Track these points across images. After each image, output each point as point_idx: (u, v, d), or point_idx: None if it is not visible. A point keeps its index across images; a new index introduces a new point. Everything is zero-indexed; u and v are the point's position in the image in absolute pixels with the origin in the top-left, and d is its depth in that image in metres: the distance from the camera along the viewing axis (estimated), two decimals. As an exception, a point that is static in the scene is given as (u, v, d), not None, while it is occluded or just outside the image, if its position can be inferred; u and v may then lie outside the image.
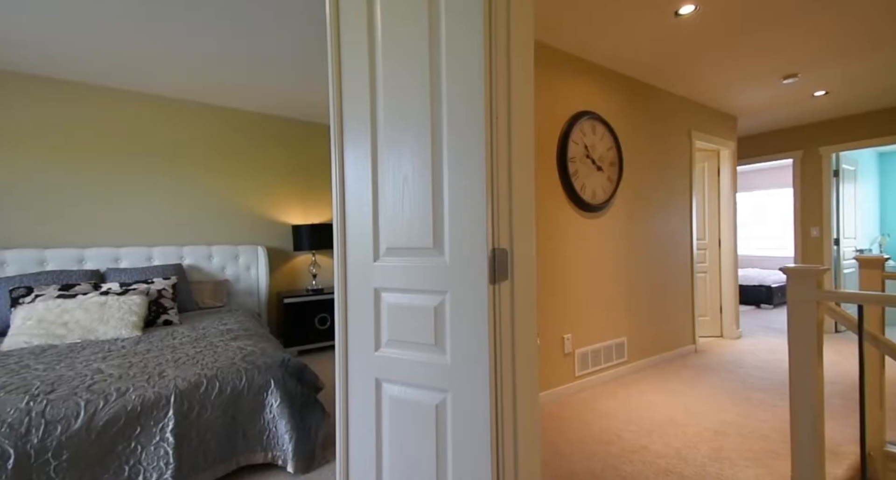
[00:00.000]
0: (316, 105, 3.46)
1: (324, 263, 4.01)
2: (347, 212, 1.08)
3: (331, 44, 1.07)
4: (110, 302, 2.25)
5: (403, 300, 1.01)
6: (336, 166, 1.09)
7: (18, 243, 2.66)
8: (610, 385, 2.68)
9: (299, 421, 1.80)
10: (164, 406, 1.53)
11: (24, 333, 1.98)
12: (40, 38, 2.25)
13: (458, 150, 0.90)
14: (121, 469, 1.44)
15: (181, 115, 3.26)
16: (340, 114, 1.08)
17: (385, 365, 1.03)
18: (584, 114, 2.52)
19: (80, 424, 1.38)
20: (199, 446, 1.58)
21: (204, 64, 2.61)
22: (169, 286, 2.67)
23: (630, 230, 2.95)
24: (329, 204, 4.05)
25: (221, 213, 3.45)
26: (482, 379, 0.88)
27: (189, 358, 1.80)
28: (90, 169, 2.89)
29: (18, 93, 2.67)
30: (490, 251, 0.88)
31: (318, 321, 3.60)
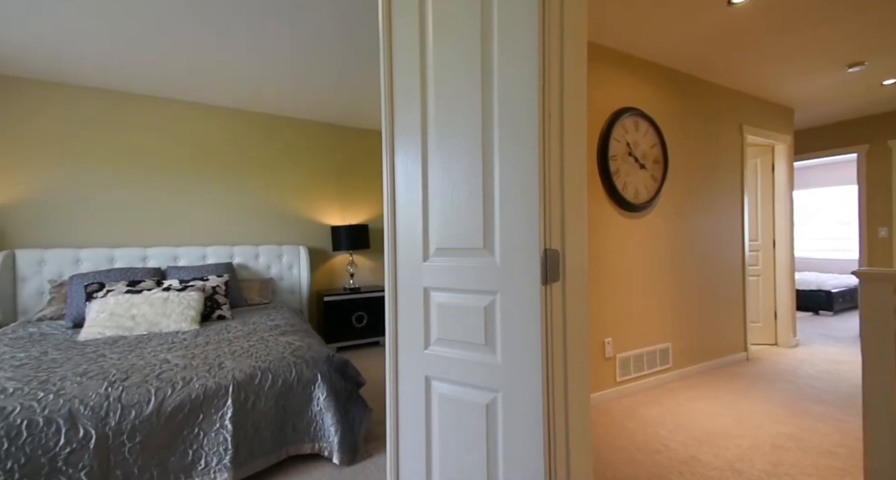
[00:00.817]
0: (353, 110, 3.56)
1: (360, 263, 4.12)
2: (397, 213, 1.12)
3: (383, 47, 1.11)
4: (171, 298, 2.43)
5: (453, 299, 1.02)
6: (387, 168, 1.13)
7: (92, 243, 2.92)
8: (653, 392, 2.59)
9: (343, 415, 1.86)
10: (223, 396, 1.63)
11: (98, 325, 2.18)
12: (122, 57, 2.46)
13: (511, 150, 0.91)
14: (185, 453, 1.55)
15: (231, 124, 3.46)
16: (391, 117, 1.11)
17: (434, 363, 1.06)
18: (627, 111, 2.45)
19: (151, 409, 1.50)
20: (253, 434, 1.68)
21: (255, 76, 2.76)
22: (222, 283, 2.84)
23: (675, 230, 2.83)
24: (365, 205, 4.16)
25: (267, 215, 3.63)
26: (534, 380, 0.88)
27: (244, 352, 1.91)
28: (152, 176, 3.13)
29: (91, 109, 2.94)
30: (542, 252, 0.88)
31: (354, 319, 3.70)
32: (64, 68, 2.62)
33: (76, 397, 1.44)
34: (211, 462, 1.58)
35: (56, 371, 1.61)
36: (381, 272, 4.25)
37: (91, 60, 2.53)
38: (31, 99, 2.77)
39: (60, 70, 2.65)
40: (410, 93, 1.08)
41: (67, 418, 1.38)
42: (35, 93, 2.77)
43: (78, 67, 2.62)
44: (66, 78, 2.77)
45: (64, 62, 2.54)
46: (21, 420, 1.33)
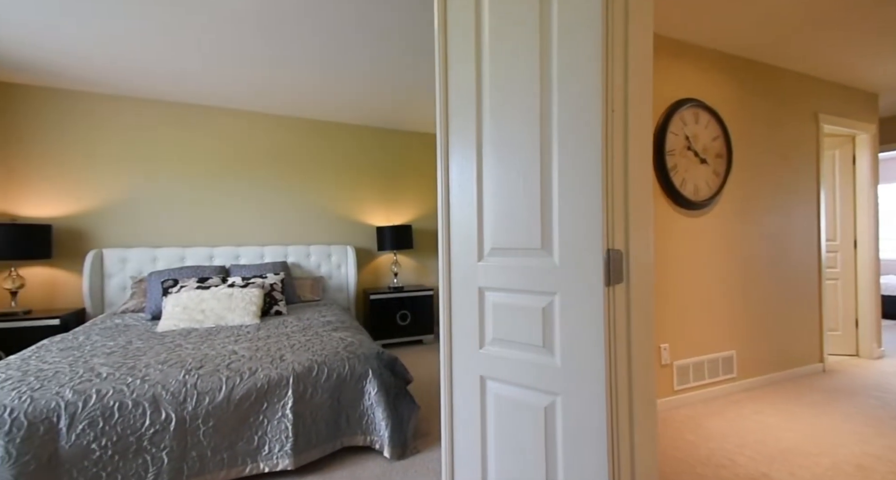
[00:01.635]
0: (398, 113, 3.64)
1: (404, 263, 4.21)
2: (452, 214, 1.13)
3: (438, 44, 1.12)
4: (235, 294, 2.61)
5: (508, 300, 1.02)
6: (441, 168, 1.14)
7: (166, 243, 3.21)
8: (716, 402, 2.42)
9: (393, 410, 1.91)
10: (284, 386, 1.73)
11: (173, 317, 2.39)
12: (190, 72, 2.70)
13: (571, 147, 0.89)
14: (251, 439, 1.67)
15: (286, 131, 3.66)
16: (446, 117, 1.13)
17: (489, 363, 1.06)
18: (686, 103, 2.31)
19: (222, 396, 1.62)
20: (311, 424, 1.76)
21: (310, 87, 2.90)
22: (278, 281, 3.01)
23: (740, 229, 2.63)
24: (409, 206, 4.24)
25: (317, 216, 3.80)
26: (596, 386, 0.86)
27: (301, 345, 2.02)
28: (215, 181, 3.39)
29: (159, 120, 3.23)
30: (604, 252, 0.86)
31: (399, 317, 3.78)
32: (136, 83, 2.90)
33: (159, 383, 1.58)
34: (274, 449, 1.68)
35: (141, 358, 1.79)
36: (423, 271, 4.32)
37: (160, 76, 2.78)
38: (108, 112, 3.08)
39: (133, 85, 2.94)
40: (465, 89, 1.09)
41: (152, 402, 1.53)
42: (111, 107, 3.09)
43: (149, 82, 2.88)
44: (137, 92, 3.07)
45: (136, 78, 2.81)
46: (113, 403, 1.49)
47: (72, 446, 1.40)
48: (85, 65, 2.59)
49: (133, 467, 1.47)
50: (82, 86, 2.91)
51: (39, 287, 2.85)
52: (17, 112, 2.83)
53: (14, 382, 1.50)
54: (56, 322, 2.55)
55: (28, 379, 1.52)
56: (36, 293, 2.84)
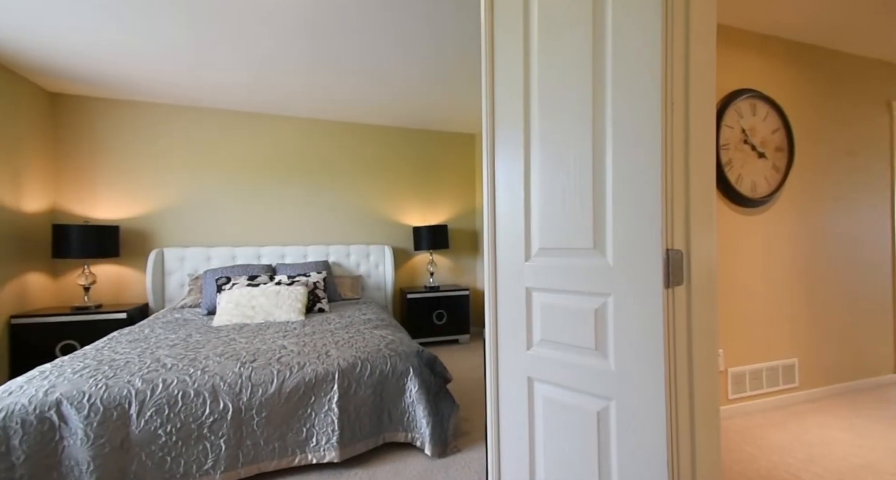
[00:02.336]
0: (434, 114, 3.66)
1: (440, 262, 4.23)
2: (498, 214, 1.12)
3: (484, 43, 1.12)
4: (282, 291, 2.73)
5: (558, 301, 1.00)
6: (487, 168, 1.14)
7: (219, 243, 3.41)
8: (775, 413, 2.26)
9: (434, 408, 1.93)
10: (330, 381, 1.79)
11: (227, 313, 2.53)
12: (242, 82, 2.85)
13: (626, 143, 0.86)
14: (300, 430, 1.74)
15: (326, 134, 3.79)
16: (492, 116, 1.12)
17: (537, 364, 1.04)
18: (742, 93, 2.17)
19: (274, 389, 1.70)
20: (355, 419, 1.81)
21: (351, 94, 2.99)
22: (321, 279, 3.12)
23: (803, 228, 2.44)
24: (445, 206, 4.26)
25: (357, 217, 3.91)
26: (654, 392, 0.83)
27: (345, 342, 2.08)
28: (261, 184, 3.56)
29: (211, 127, 3.43)
30: (664, 252, 0.82)
31: (435, 316, 3.81)
32: (192, 94, 3.10)
33: (217, 374, 1.69)
34: (321, 441, 1.74)
35: (200, 351, 1.91)
36: (459, 271, 4.32)
37: (213, 86, 2.95)
38: (168, 121, 3.31)
39: (189, 96, 3.14)
40: (512, 86, 1.08)
41: (211, 392, 1.63)
42: (169, 116, 3.32)
43: (203, 92, 3.07)
44: (194, 102, 3.27)
45: (192, 89, 3.00)
46: (177, 392, 1.60)
47: (141, 431, 1.52)
48: (148, 77, 2.80)
49: (194, 453, 1.58)
50: (145, 97, 3.15)
51: (108, 283, 3.11)
52: (89, 123, 3.11)
53: (91, 370, 1.64)
54: (123, 315, 2.78)
55: (103, 368, 1.66)
56: (105, 289, 3.10)
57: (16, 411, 1.42)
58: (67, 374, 1.59)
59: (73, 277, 3.03)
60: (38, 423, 1.42)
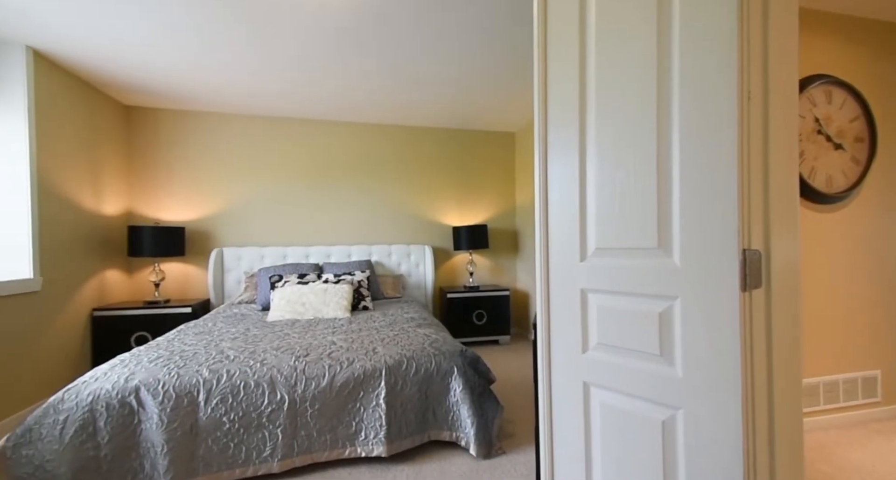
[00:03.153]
0: (473, 113, 3.65)
1: (479, 262, 4.22)
2: (550, 211, 1.10)
3: (537, 39, 1.10)
4: (329, 289, 2.84)
5: (617, 303, 0.96)
6: (539, 166, 1.11)
7: (271, 243, 3.61)
8: (854, 430, 2.05)
9: (478, 408, 1.92)
10: (378, 377, 1.84)
11: (280, 309, 2.67)
12: (290, 92, 3.00)
13: (696, 136, 0.81)
14: (350, 424, 1.80)
15: (368, 137, 3.89)
16: (545, 113, 1.10)
17: (594, 368, 1.01)
18: (815, 80, 1.98)
19: (325, 383, 1.77)
20: (402, 415, 1.85)
21: (391, 97, 3.05)
22: (365, 278, 3.21)
23: (888, 226, 2.19)
24: (484, 206, 4.24)
25: (397, 217, 3.98)
26: (729, 402, 0.77)
27: (390, 340, 2.12)
28: (308, 187, 3.72)
29: (261, 133, 3.62)
30: (740, 253, 0.77)
31: (475, 316, 3.80)
32: (248, 103, 3.29)
33: (274, 367, 1.78)
34: (369, 435, 1.79)
35: (259, 344, 2.02)
36: (498, 271, 4.29)
37: (267, 95, 3.11)
38: (225, 129, 3.53)
39: (246, 105, 3.33)
40: (566, 81, 1.04)
41: (269, 383, 1.72)
42: (227, 124, 3.54)
43: (258, 101, 3.25)
44: (249, 111, 3.47)
45: (248, 98, 3.18)
46: (240, 382, 1.70)
47: (208, 418, 1.63)
48: (211, 89, 3.00)
49: (254, 440, 1.67)
50: (207, 107, 3.39)
51: (175, 279, 3.38)
52: (159, 133, 3.39)
53: (164, 360, 1.79)
54: (188, 310, 3.01)
55: (174, 358, 1.80)
56: (173, 285, 3.37)
57: (101, 395, 1.57)
58: (144, 363, 1.74)
59: (145, 274, 3.32)
60: (120, 407, 1.57)
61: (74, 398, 1.55)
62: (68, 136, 2.63)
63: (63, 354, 2.61)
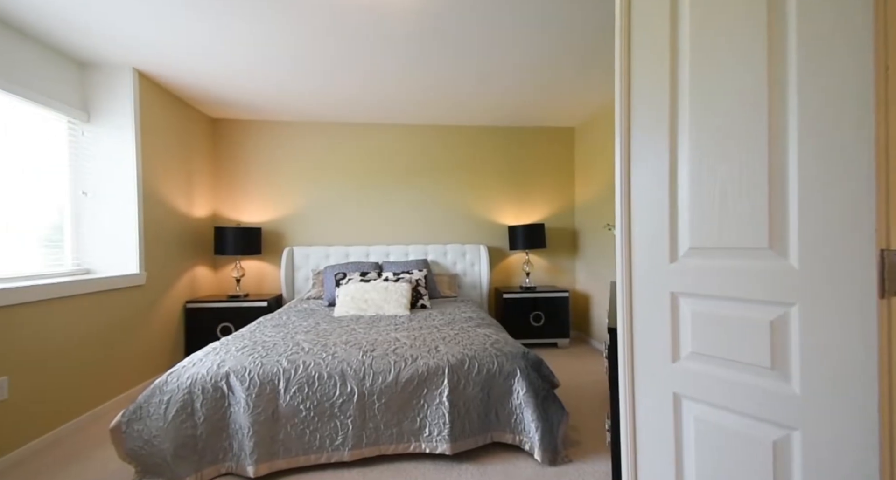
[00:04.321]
0: (530, 110, 3.56)
1: (536, 262, 4.11)
2: (634, 210, 1.03)
3: (620, 19, 1.04)
4: (390, 287, 2.93)
5: (716, 308, 0.88)
6: (621, 156, 1.05)
7: (335, 242, 3.80)
8: None
9: (543, 413, 1.87)
10: (441, 375, 1.86)
11: (345, 305, 2.80)
12: (353, 97, 3.14)
13: (818, 122, 0.72)
14: (414, 419, 1.83)
15: (423, 138, 3.96)
16: (628, 101, 1.03)
17: (686, 379, 0.93)
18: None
19: (391, 378, 1.82)
20: (465, 414, 1.85)
21: (453, 95, 3.08)
22: (422, 277, 3.26)
23: None
24: (541, 204, 4.13)
25: (453, 217, 4.01)
26: (864, 426, 0.67)
27: (451, 338, 2.14)
28: (370, 188, 3.87)
29: (335, 139, 3.81)
30: (877, 254, 0.66)
31: (532, 318, 3.71)
32: (315, 111, 3.48)
33: (344, 360, 1.86)
34: (433, 432, 1.81)
35: (329, 338, 2.14)
36: (556, 272, 4.15)
37: (331, 102, 3.27)
38: (295, 136, 3.78)
39: (313, 112, 3.53)
40: (653, 66, 0.97)
41: (340, 375, 1.81)
42: (297, 131, 3.78)
43: (324, 109, 3.43)
44: (316, 118, 3.68)
45: (315, 106, 3.37)
46: (314, 373, 1.80)
47: (287, 405, 1.75)
48: (284, 100, 3.23)
49: (328, 429, 1.76)
50: (280, 116, 3.65)
51: (253, 276, 3.69)
52: (239, 142, 3.71)
53: (249, 349, 1.95)
54: (264, 304, 3.26)
55: (257, 348, 1.96)
56: (251, 280, 3.68)
57: (198, 379, 1.74)
58: (232, 352, 1.91)
59: (228, 270, 3.65)
60: (213, 391, 1.73)
61: (176, 381, 1.74)
62: (166, 148, 2.97)
63: (162, 340, 2.95)
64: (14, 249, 2.14)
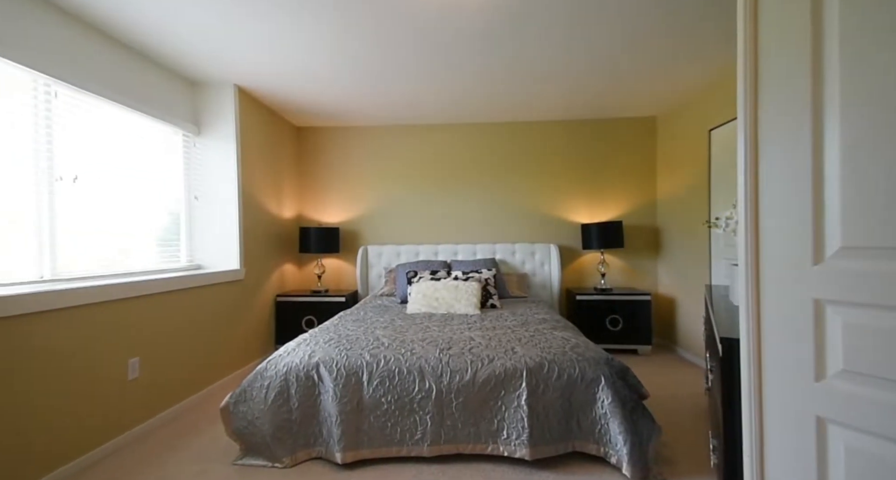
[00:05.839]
0: (606, 100, 3.34)
1: (612, 262, 3.86)
2: (761, 201, 0.90)
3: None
4: (460, 286, 2.93)
5: (879, 320, 0.73)
6: (745, 136, 0.92)
7: (405, 241, 3.92)
8: None
9: (632, 425, 1.73)
10: (518, 378, 1.81)
11: (417, 303, 2.86)
12: (423, 100, 3.21)
13: None
14: (492, 421, 1.80)
15: (489, 136, 3.91)
16: (754, 72, 0.90)
17: (835, 401, 0.79)
18: None
19: (468, 377, 1.81)
20: (544, 420, 1.78)
21: (524, 90, 3.00)
22: (491, 276, 3.23)
23: None
24: (617, 200, 3.87)
25: (521, 216, 3.91)
26: None
27: (527, 340, 2.08)
28: (438, 188, 3.92)
29: (405, 142, 3.93)
30: None
31: (609, 322, 3.48)
32: (386, 114, 3.61)
33: (422, 357, 1.89)
34: (511, 435, 1.77)
35: (406, 334, 2.19)
36: (635, 273, 3.86)
37: (402, 105, 3.36)
38: (368, 140, 3.95)
39: (385, 116, 3.66)
40: (790, 38, 0.84)
41: (419, 371, 1.84)
42: (369, 135, 3.94)
43: (395, 113, 3.54)
44: (387, 121, 3.81)
45: (386, 110, 3.49)
46: (395, 368, 1.85)
47: (370, 397, 1.82)
48: (362, 105, 3.39)
49: (407, 423, 1.81)
50: (356, 122, 3.85)
51: (332, 273, 3.93)
52: (320, 147, 3.99)
53: (335, 342, 2.06)
54: (342, 299, 3.46)
55: (342, 342, 2.07)
56: (330, 277, 3.93)
57: (292, 368, 1.88)
58: (321, 343, 2.04)
59: (310, 267, 3.94)
60: (306, 379, 1.86)
61: (274, 368, 1.90)
62: (260, 155, 3.27)
63: (257, 329, 3.26)
64: (140, 248, 2.50)
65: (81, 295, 1.82)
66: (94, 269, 2.15)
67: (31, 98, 1.87)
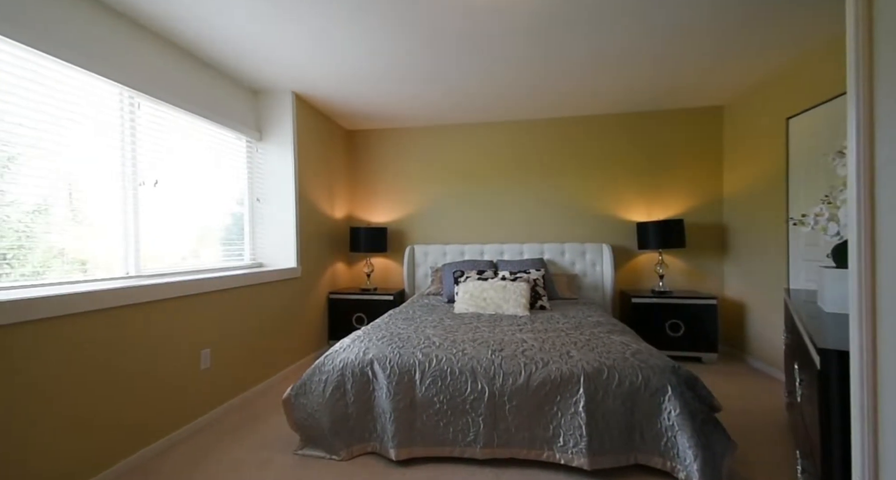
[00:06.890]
0: (664, 90, 3.12)
1: (671, 263, 3.61)
2: (877, 193, 0.78)
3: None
4: (508, 286, 2.87)
5: None
6: (857, 118, 0.81)
7: (451, 241, 3.92)
8: None
9: (703, 440, 1.60)
10: (575, 383, 1.73)
11: (465, 303, 2.84)
12: (468, 98, 3.18)
13: None
14: (547, 427, 1.74)
15: (537, 133, 3.80)
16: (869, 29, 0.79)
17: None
18: None
19: (522, 380, 1.76)
20: (604, 429, 1.69)
21: (576, 84, 2.89)
22: (540, 277, 3.13)
23: None
24: (676, 197, 3.62)
25: (571, 215, 3.77)
26: None
27: (583, 344, 1.98)
28: (484, 187, 3.88)
29: (450, 142, 3.92)
30: None
31: (668, 327, 3.26)
32: (441, 114, 3.62)
33: (474, 358, 1.87)
34: (568, 443, 1.70)
35: (456, 334, 2.18)
36: (697, 275, 3.59)
37: (447, 105, 3.35)
38: (414, 141, 3.99)
39: (430, 117, 3.68)
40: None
41: (471, 372, 1.82)
42: (415, 136, 3.98)
43: (439, 113, 3.54)
44: (432, 122, 3.83)
45: (430, 111, 3.50)
46: (446, 368, 1.84)
47: (422, 395, 1.82)
48: (413, 106, 3.44)
49: (460, 424, 1.79)
50: (404, 123, 3.91)
51: (380, 271, 4.02)
52: (369, 150, 4.09)
53: (387, 340, 2.09)
54: (390, 297, 3.52)
55: (394, 340, 2.09)
56: (378, 275, 4.02)
57: (348, 363, 1.93)
58: (374, 341, 2.08)
59: (360, 266, 4.06)
60: (361, 375, 1.90)
61: (331, 363, 1.96)
62: (315, 158, 3.42)
63: (312, 325, 3.41)
64: (208, 247, 2.69)
65: (162, 290, 1.99)
66: (170, 267, 2.34)
67: (118, 110, 2.06)
